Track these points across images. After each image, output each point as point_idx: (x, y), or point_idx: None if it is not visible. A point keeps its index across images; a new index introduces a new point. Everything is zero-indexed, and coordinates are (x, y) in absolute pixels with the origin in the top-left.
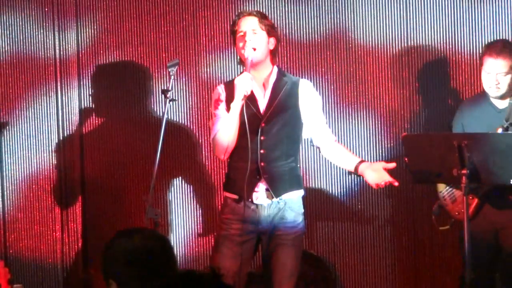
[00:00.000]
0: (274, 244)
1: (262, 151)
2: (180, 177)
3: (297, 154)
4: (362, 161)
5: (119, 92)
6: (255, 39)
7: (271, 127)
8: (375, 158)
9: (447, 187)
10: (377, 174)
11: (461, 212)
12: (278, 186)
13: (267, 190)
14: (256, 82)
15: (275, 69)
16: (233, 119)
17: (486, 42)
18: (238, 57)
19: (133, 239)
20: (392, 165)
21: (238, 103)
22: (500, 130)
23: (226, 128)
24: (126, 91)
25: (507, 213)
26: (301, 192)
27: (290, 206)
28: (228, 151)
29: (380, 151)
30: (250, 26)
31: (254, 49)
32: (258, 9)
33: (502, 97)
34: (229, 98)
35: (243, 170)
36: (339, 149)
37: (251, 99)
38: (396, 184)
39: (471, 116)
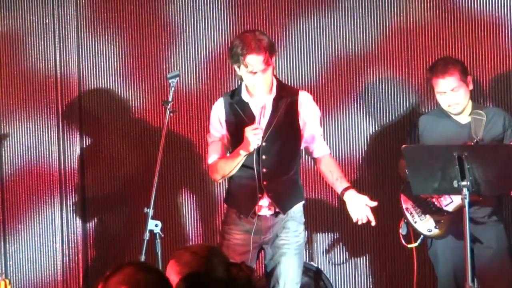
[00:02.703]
0: (277, 253)
1: (264, 170)
2: (181, 188)
3: (298, 167)
4: (348, 188)
5: (119, 103)
6: (265, 77)
7: (272, 146)
8: (376, 170)
9: (414, 204)
10: (359, 208)
11: (433, 229)
12: (284, 203)
13: (270, 203)
14: (256, 101)
15: (274, 82)
16: (236, 163)
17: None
18: (240, 76)
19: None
20: (374, 203)
21: (245, 153)
22: None
23: (227, 167)
24: (126, 102)
25: (479, 232)
26: (302, 202)
27: (292, 216)
28: (224, 179)
29: (380, 158)
30: (259, 67)
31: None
32: (257, 23)
33: (462, 112)
34: (229, 113)
35: (245, 188)
36: (331, 166)
37: (251, 119)
38: (373, 224)
39: (432, 132)
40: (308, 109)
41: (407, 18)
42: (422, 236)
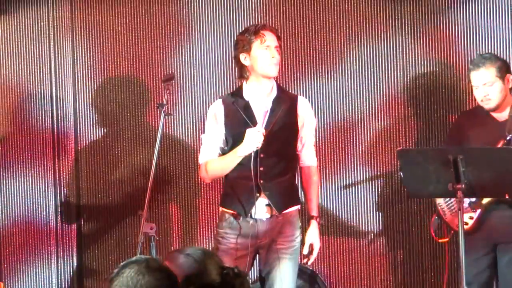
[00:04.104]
0: (273, 258)
1: (261, 168)
2: (176, 192)
3: (295, 170)
4: (314, 217)
5: (114, 106)
6: (277, 56)
7: (270, 145)
8: (370, 173)
9: (446, 199)
10: (314, 242)
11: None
12: (279, 202)
13: (267, 205)
14: (256, 98)
15: (275, 84)
16: (232, 165)
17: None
18: (239, 70)
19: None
20: (310, 260)
21: (243, 155)
22: (501, 144)
23: (221, 168)
24: (121, 105)
25: (506, 228)
26: (298, 207)
27: (288, 220)
28: (213, 180)
29: (376, 165)
30: (275, 42)
31: (277, 65)
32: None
33: (498, 108)
34: (228, 112)
35: (242, 188)
36: (310, 182)
37: (251, 117)
38: (308, 264)
39: (471, 130)
40: (306, 114)
41: (402, 26)
42: (452, 231)
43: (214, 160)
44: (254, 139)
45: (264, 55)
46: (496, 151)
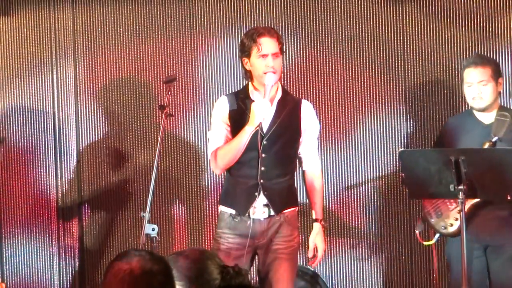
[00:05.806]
0: (271, 258)
1: (262, 168)
2: (177, 193)
3: (294, 171)
4: (318, 220)
5: (116, 107)
6: (276, 63)
7: (272, 145)
8: (372, 174)
9: (433, 203)
10: (319, 243)
11: (448, 227)
12: (278, 203)
13: (265, 205)
14: (261, 98)
15: (280, 86)
16: (242, 142)
17: None
18: (244, 71)
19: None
20: (314, 263)
21: (251, 128)
22: (487, 145)
23: (232, 150)
24: (123, 106)
25: (495, 230)
26: (296, 208)
27: (287, 220)
28: (225, 169)
29: (377, 166)
30: (272, 49)
31: (274, 72)
32: (255, 25)
33: (487, 109)
34: (233, 111)
35: (242, 186)
36: (314, 186)
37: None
38: (312, 267)
39: (457, 133)
40: (309, 117)
41: (404, 24)
42: (438, 234)
43: (224, 145)
44: (261, 109)
45: (260, 65)
46: (497, 152)
